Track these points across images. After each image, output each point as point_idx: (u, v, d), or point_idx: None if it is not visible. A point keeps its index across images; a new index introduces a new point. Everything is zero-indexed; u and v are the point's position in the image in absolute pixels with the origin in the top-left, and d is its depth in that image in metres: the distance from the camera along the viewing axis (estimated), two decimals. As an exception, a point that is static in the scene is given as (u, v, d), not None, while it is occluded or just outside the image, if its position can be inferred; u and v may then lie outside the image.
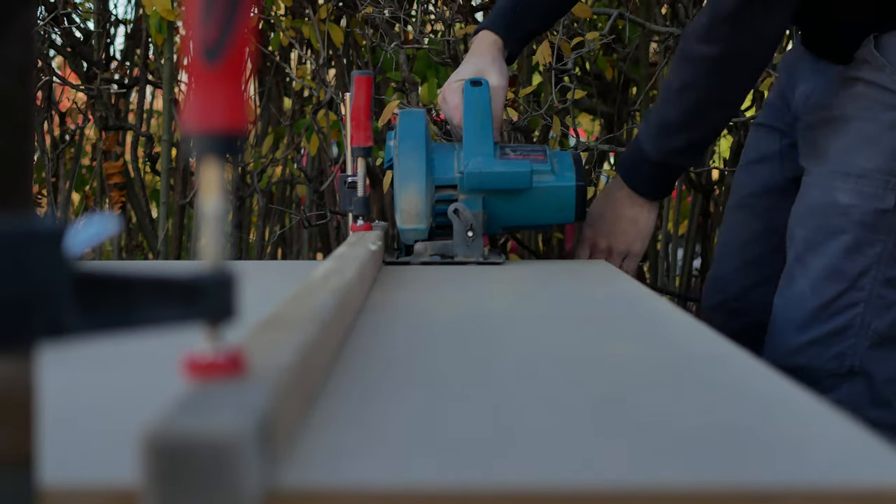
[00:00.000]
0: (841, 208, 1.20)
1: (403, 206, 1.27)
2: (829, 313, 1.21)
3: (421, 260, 1.29)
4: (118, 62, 2.22)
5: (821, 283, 1.21)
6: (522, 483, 0.42)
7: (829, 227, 1.21)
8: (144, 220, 2.17)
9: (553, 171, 1.31)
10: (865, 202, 1.19)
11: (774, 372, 0.63)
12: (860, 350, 1.21)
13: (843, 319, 1.21)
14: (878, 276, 1.20)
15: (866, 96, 1.21)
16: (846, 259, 1.20)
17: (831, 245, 1.20)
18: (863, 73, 1.21)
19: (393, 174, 1.29)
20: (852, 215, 1.19)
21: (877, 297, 1.20)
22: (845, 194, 1.20)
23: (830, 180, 1.21)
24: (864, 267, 1.20)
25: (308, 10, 1.90)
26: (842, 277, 1.20)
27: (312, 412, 0.52)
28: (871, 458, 0.46)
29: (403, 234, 1.30)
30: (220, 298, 0.43)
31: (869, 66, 1.21)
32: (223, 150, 0.44)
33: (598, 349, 0.74)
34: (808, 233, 1.23)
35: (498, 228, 1.35)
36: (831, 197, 1.20)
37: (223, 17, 0.43)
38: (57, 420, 0.46)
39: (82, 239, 0.37)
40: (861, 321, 1.20)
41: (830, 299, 1.21)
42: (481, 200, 1.29)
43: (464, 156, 1.28)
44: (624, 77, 2.07)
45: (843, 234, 1.20)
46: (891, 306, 1.21)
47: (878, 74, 1.20)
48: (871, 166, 1.18)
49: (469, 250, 1.28)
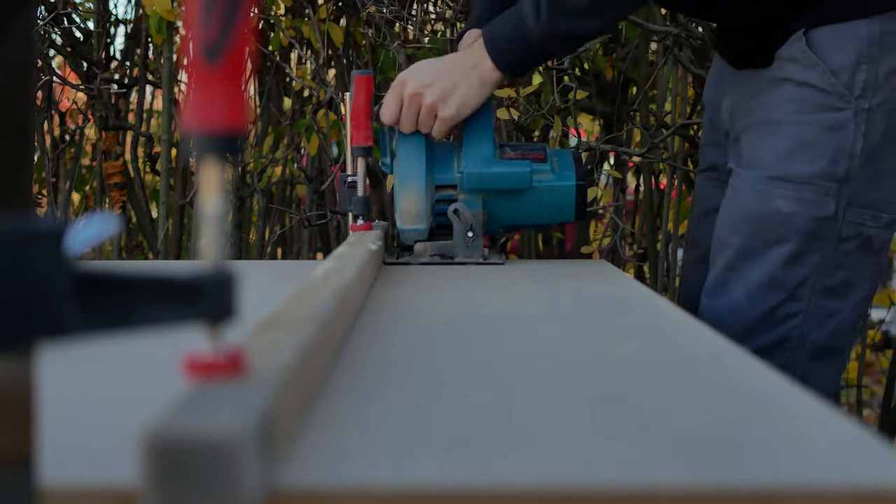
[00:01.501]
0: (782, 216, 1.16)
1: (403, 207, 1.27)
2: (769, 324, 1.18)
3: (421, 260, 1.29)
4: (118, 62, 2.22)
5: (758, 293, 1.18)
6: (522, 483, 0.42)
7: (768, 236, 1.17)
8: (144, 220, 2.17)
9: (553, 171, 1.30)
10: (806, 209, 1.15)
11: (774, 372, 0.63)
12: (801, 362, 1.18)
13: (782, 331, 1.18)
14: (816, 286, 1.17)
15: (798, 98, 1.16)
16: (785, 269, 1.16)
17: (770, 254, 1.17)
18: (791, 74, 1.16)
19: (393, 175, 1.29)
20: (794, 224, 1.15)
21: (815, 307, 1.17)
22: (786, 202, 1.16)
23: (767, 186, 1.17)
24: (804, 277, 1.16)
25: (308, 10, 1.90)
26: (781, 287, 1.17)
27: (312, 412, 0.52)
28: (871, 458, 0.46)
29: (403, 234, 1.30)
30: (220, 298, 0.43)
31: (797, 64, 1.16)
32: (223, 150, 0.44)
33: (598, 349, 0.74)
34: (744, 240, 1.19)
35: (498, 228, 1.34)
36: (771, 205, 1.16)
37: (223, 17, 0.43)
38: (57, 420, 0.46)
39: (82, 239, 0.37)
40: (799, 333, 1.18)
41: (769, 310, 1.18)
42: (481, 200, 1.29)
43: (464, 156, 1.28)
44: (623, 77, 2.07)
45: (784, 244, 1.16)
46: (831, 316, 1.18)
47: (809, 73, 1.15)
48: (812, 172, 1.14)
49: (469, 251, 1.28)
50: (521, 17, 1.20)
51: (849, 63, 1.14)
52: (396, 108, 1.25)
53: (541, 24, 1.19)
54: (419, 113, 1.25)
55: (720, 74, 1.33)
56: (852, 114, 1.14)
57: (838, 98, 1.14)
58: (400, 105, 1.25)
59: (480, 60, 1.23)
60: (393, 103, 1.25)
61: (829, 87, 1.14)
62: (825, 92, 1.14)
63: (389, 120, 1.26)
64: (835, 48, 1.14)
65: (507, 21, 1.23)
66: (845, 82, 1.14)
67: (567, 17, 1.19)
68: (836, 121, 1.14)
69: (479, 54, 1.24)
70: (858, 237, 1.17)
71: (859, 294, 1.20)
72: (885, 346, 2.72)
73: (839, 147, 1.14)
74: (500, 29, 1.24)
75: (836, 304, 1.18)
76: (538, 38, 1.20)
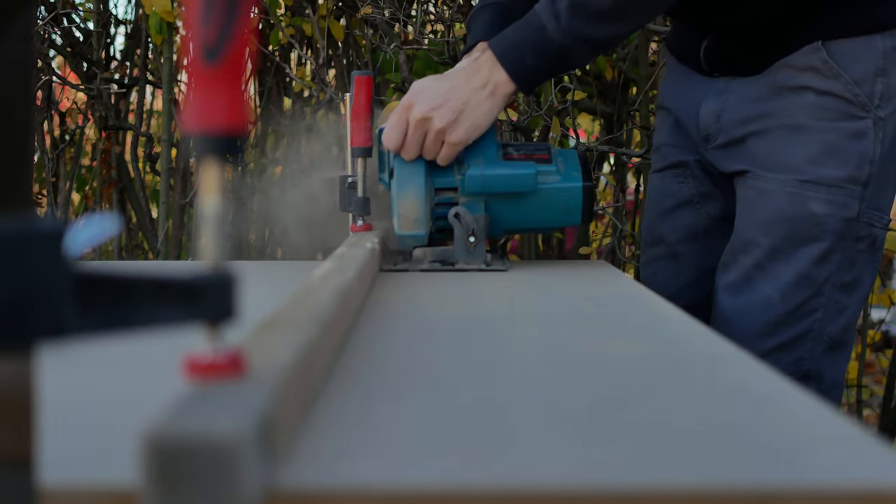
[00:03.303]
0: (817, 218, 1.20)
1: (401, 211, 1.21)
2: (795, 318, 1.22)
3: (420, 267, 1.23)
4: (118, 62, 2.22)
5: (791, 290, 1.21)
6: (522, 483, 0.42)
7: (801, 236, 1.21)
8: (144, 220, 2.17)
9: (558, 172, 1.25)
10: (837, 211, 1.20)
11: (774, 373, 0.63)
12: (816, 354, 1.22)
13: (806, 324, 1.22)
14: (836, 282, 1.22)
15: (820, 106, 1.20)
16: (815, 267, 1.21)
17: (801, 253, 1.21)
18: (810, 82, 1.20)
19: None
20: (827, 224, 1.20)
21: (832, 302, 1.22)
22: (819, 204, 1.20)
23: (801, 189, 1.21)
24: (828, 274, 1.21)
25: (308, 10, 1.90)
26: (810, 284, 1.21)
27: (312, 412, 0.52)
28: (871, 459, 0.46)
29: (401, 240, 1.24)
30: (220, 299, 0.43)
31: (818, 74, 1.20)
32: (223, 150, 0.44)
33: (597, 349, 0.74)
34: (775, 241, 1.22)
35: (500, 232, 1.30)
36: (805, 207, 1.20)
37: (223, 17, 0.43)
38: (57, 420, 0.46)
39: (82, 239, 0.37)
40: (819, 326, 1.22)
41: (797, 305, 1.22)
42: (483, 204, 1.23)
43: (465, 157, 1.23)
44: (623, 77, 2.07)
45: (816, 243, 1.20)
46: (843, 311, 1.23)
47: (831, 83, 1.19)
48: (841, 176, 1.19)
49: (471, 257, 1.22)
50: (539, 24, 1.17)
51: (868, 75, 1.20)
52: (401, 133, 1.19)
53: (562, 28, 1.15)
54: (424, 138, 1.19)
55: (686, 81, 1.34)
56: (871, 122, 1.20)
57: (860, 107, 1.20)
58: (405, 130, 1.19)
59: (491, 74, 1.18)
60: (398, 128, 1.19)
61: (851, 97, 1.20)
62: (847, 101, 1.20)
63: (393, 146, 1.20)
64: (855, 61, 1.20)
65: (520, 29, 1.19)
66: (867, 93, 1.20)
67: (591, 20, 1.16)
68: (858, 129, 1.20)
69: (490, 68, 1.18)
70: (869, 237, 1.22)
71: (863, 290, 1.26)
72: (885, 346, 2.73)
73: (862, 153, 1.20)
74: (513, 38, 1.19)
75: (847, 299, 1.23)
76: (558, 45, 1.16)
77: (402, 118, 1.19)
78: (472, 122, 1.19)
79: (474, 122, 1.19)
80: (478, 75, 1.19)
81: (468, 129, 1.19)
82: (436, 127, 1.18)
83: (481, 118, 1.19)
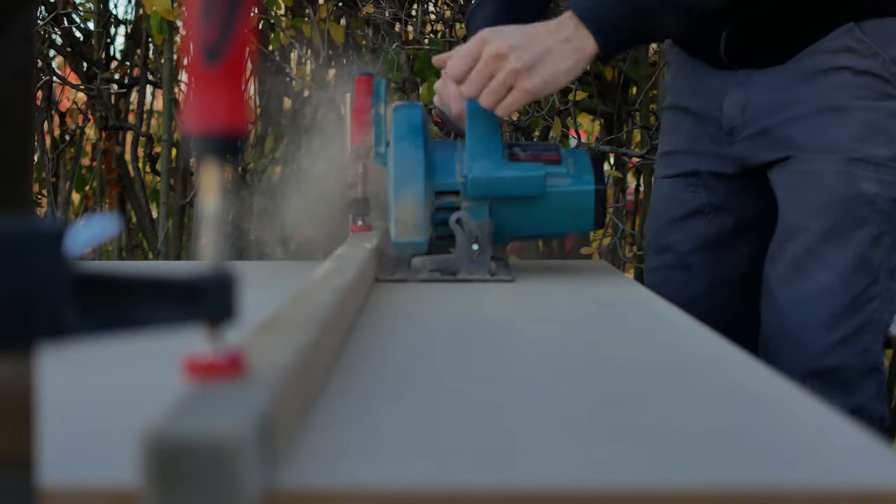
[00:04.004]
0: (867, 197, 1.15)
1: (399, 216, 1.10)
2: (855, 308, 1.16)
3: (419, 277, 1.13)
4: (118, 62, 2.22)
5: (850, 277, 1.16)
6: (522, 484, 0.42)
7: (854, 218, 1.16)
8: (144, 221, 2.17)
9: (569, 174, 1.15)
10: (886, 191, 1.15)
11: (774, 374, 0.63)
12: (878, 345, 1.17)
13: (866, 314, 1.16)
14: (888, 268, 1.17)
15: (859, 86, 1.17)
16: (870, 250, 1.16)
17: (856, 236, 1.15)
18: (847, 62, 1.17)
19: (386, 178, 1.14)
20: (877, 205, 1.15)
21: (886, 290, 1.17)
22: (870, 183, 1.15)
23: (850, 168, 1.16)
24: (882, 259, 1.16)
25: (308, 10, 1.90)
26: (868, 270, 1.16)
27: (312, 412, 0.52)
28: (871, 459, 0.46)
29: (399, 248, 1.13)
30: (220, 299, 0.43)
31: (855, 54, 1.17)
32: (223, 151, 0.44)
33: (598, 350, 0.74)
34: (827, 223, 1.16)
35: (506, 238, 1.19)
36: (856, 186, 1.16)
37: (223, 17, 0.43)
38: (57, 420, 0.46)
39: (82, 239, 0.37)
40: (878, 316, 1.17)
41: (858, 293, 1.15)
42: (488, 208, 1.13)
43: (467, 157, 1.12)
44: (624, 77, 2.07)
45: (869, 225, 1.15)
46: (893, 299, 1.18)
47: (868, 63, 1.16)
48: (887, 154, 1.16)
49: (474, 266, 1.12)
50: None
51: None
52: (468, 65, 1.08)
53: None
54: (492, 78, 1.07)
55: (700, 77, 1.31)
56: None
57: None
58: (472, 63, 1.08)
59: (575, 34, 1.08)
60: (467, 58, 1.08)
61: (890, 77, 1.17)
62: (886, 81, 1.17)
63: (458, 75, 1.08)
64: (890, 40, 1.17)
65: None
66: None
67: None
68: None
69: (573, 28, 1.08)
70: None
71: None
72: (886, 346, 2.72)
73: None
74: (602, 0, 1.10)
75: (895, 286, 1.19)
76: (656, 7, 1.08)
77: (475, 49, 1.08)
78: (551, 74, 1.08)
79: (553, 75, 1.08)
80: (561, 30, 1.09)
81: (545, 79, 1.08)
82: (511, 66, 1.06)
83: (560, 74, 1.09)
